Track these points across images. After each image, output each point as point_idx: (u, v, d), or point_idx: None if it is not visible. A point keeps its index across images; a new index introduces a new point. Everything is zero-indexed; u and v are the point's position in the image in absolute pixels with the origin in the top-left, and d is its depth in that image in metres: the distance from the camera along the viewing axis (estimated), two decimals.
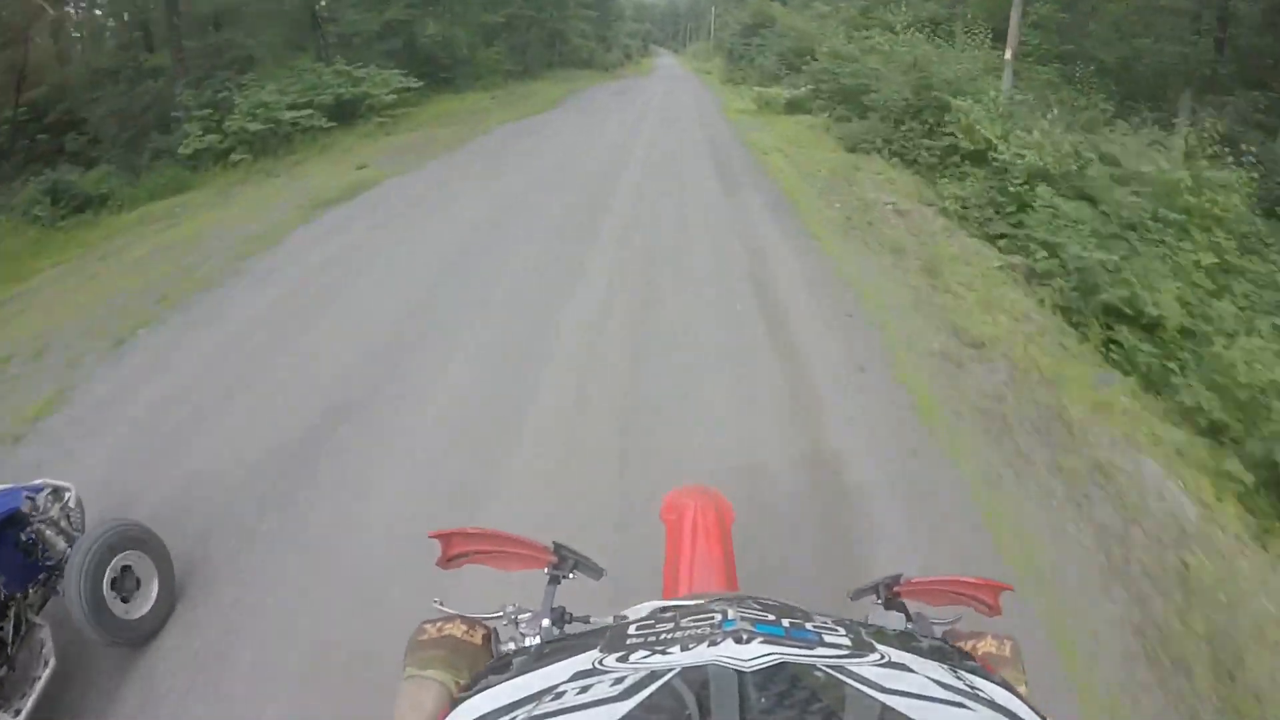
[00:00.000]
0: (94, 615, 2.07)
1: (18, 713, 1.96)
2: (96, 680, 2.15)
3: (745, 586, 1.11)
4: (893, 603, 0.86)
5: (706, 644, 0.49)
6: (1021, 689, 0.69)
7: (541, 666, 0.52)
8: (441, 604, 0.83)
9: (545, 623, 0.82)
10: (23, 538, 2.17)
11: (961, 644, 0.77)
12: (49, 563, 2.19)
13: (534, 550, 0.91)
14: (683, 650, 0.50)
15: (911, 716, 0.40)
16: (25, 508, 2.18)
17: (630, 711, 0.41)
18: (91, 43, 15.21)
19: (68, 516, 2.34)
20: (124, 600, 2.20)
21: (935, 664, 0.50)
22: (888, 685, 0.44)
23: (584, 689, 0.46)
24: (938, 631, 0.81)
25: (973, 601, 0.90)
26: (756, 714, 0.39)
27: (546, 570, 0.92)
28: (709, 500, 1.51)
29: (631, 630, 0.57)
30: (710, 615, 0.56)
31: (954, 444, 2.97)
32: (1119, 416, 3.21)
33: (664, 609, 0.77)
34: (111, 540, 2.17)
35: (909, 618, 0.82)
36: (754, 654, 0.46)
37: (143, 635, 2.25)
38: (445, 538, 0.92)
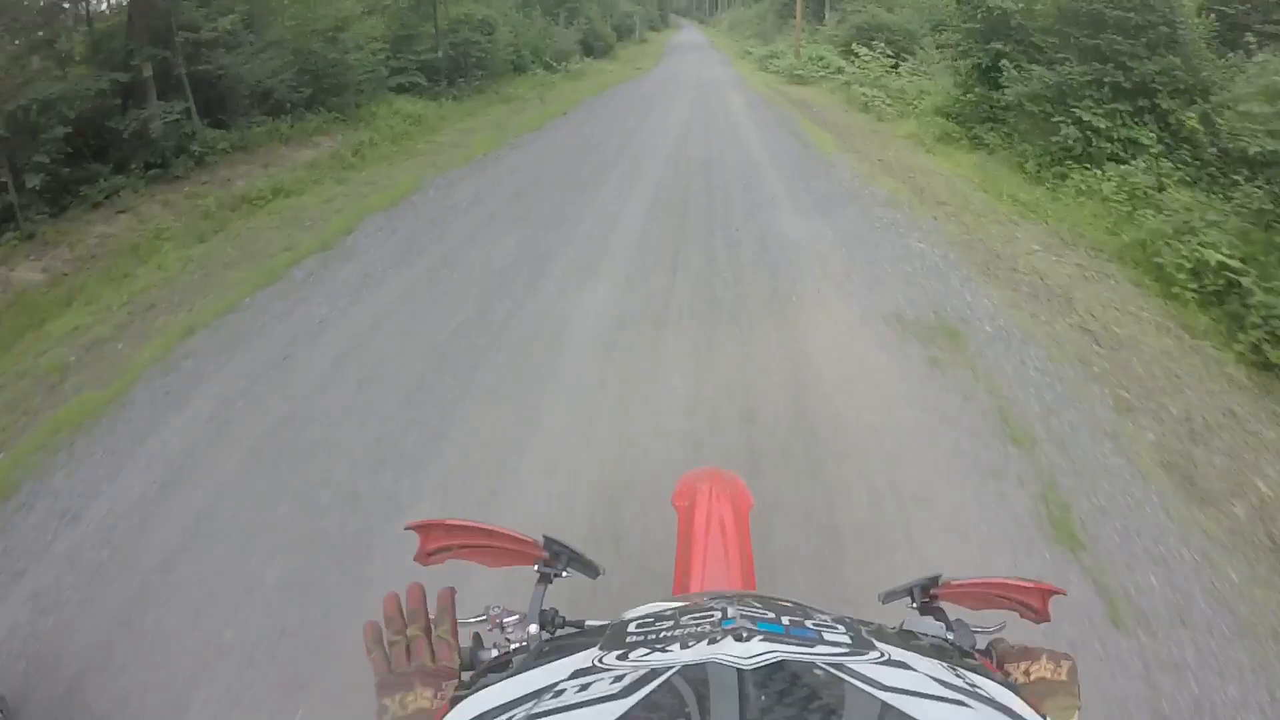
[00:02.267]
0: None
1: None
2: None
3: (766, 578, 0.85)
4: (929, 607, 0.78)
5: (706, 642, 0.50)
6: (1075, 717, 0.67)
7: (541, 664, 0.52)
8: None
9: (533, 629, 0.75)
10: None
11: (1012, 664, 0.70)
12: None
13: (522, 545, 0.84)
14: (682, 648, 0.50)
15: (911, 714, 0.40)
16: None
17: (630, 709, 0.41)
18: None
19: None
20: None
21: (935, 662, 0.50)
22: (888, 683, 0.44)
23: (584, 687, 0.46)
24: (981, 642, 0.73)
25: (1018, 606, 0.82)
26: (756, 712, 0.39)
27: (536, 567, 0.83)
28: (725, 486, 1.39)
29: (631, 628, 0.57)
30: (710, 613, 0.56)
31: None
32: None
33: (664, 610, 0.75)
34: None
35: (949, 626, 0.73)
36: (754, 652, 0.46)
37: None
38: (424, 529, 0.84)
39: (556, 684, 0.48)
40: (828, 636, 0.52)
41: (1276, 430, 3.13)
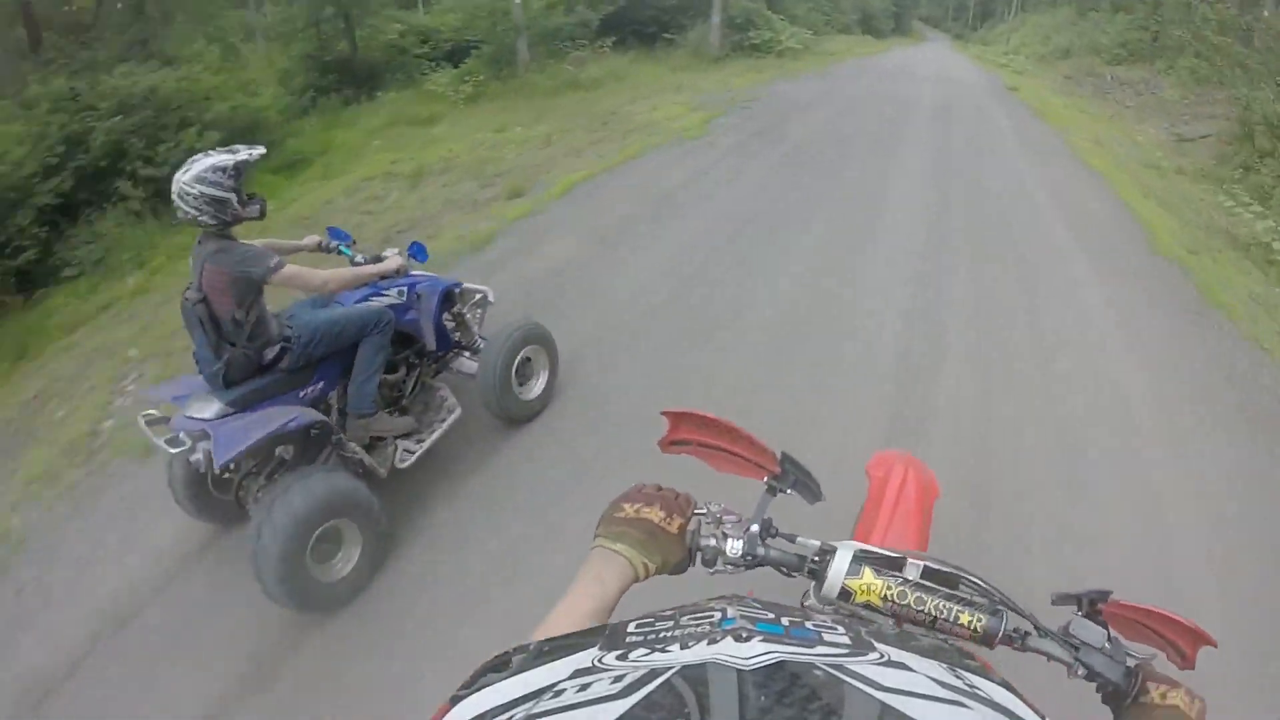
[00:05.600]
0: (501, 394, 2.76)
1: (420, 440, 2.65)
2: (476, 443, 2.95)
3: None
4: (1094, 617, 0.84)
5: (706, 642, 0.50)
6: None
7: (541, 664, 0.52)
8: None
9: (754, 528, 0.82)
10: (450, 314, 2.88)
11: (1154, 685, 0.76)
12: (456, 340, 2.93)
13: (760, 456, 0.88)
14: (682, 648, 0.50)
15: (911, 715, 0.40)
16: (457, 292, 2.87)
17: (630, 709, 0.41)
18: None
19: (480, 313, 3.08)
20: (521, 385, 2.95)
21: (935, 662, 0.50)
22: (887, 684, 0.44)
23: (583, 687, 0.46)
24: (1130, 662, 0.80)
25: (1168, 647, 0.88)
26: (756, 712, 0.39)
27: (765, 480, 0.89)
28: (917, 470, 1.48)
29: (631, 628, 0.58)
30: (710, 613, 0.57)
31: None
32: None
33: (664, 611, 0.78)
34: (523, 335, 2.85)
35: (1108, 637, 0.81)
36: (753, 652, 0.46)
37: (530, 415, 3.01)
38: (675, 417, 0.90)
39: (556, 684, 0.48)
40: (827, 637, 0.52)
41: None
